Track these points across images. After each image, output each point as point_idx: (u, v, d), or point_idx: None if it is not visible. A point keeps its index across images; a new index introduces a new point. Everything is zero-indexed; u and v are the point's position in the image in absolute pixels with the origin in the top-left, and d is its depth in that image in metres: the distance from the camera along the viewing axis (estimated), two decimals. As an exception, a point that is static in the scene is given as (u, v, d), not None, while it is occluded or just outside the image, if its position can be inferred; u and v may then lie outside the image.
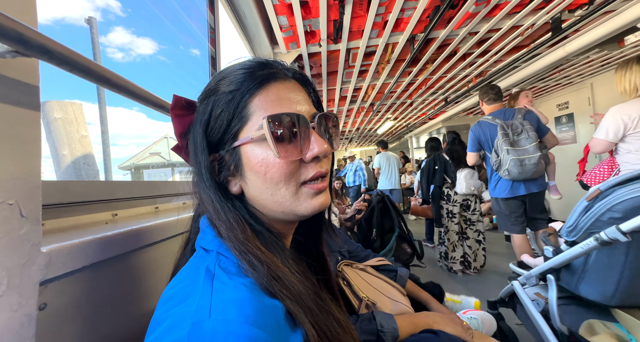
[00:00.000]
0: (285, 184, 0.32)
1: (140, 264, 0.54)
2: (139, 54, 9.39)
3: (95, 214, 0.55)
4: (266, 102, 0.32)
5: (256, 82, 0.32)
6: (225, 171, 0.34)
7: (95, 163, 1.06)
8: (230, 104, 0.32)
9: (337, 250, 0.95)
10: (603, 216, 0.87)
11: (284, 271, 0.30)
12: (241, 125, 0.32)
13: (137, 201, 0.71)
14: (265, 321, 0.24)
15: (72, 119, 1.01)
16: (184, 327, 0.23)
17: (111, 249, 0.44)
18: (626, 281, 0.86)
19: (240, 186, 0.34)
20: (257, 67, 0.33)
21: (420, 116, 5.17)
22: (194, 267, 0.31)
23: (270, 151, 0.31)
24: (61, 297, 0.35)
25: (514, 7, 1.75)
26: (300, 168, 0.33)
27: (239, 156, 0.33)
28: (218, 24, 1.36)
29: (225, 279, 0.27)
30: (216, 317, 0.23)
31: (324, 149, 0.32)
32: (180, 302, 0.26)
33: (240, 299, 0.25)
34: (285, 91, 0.33)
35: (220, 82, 0.34)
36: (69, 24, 6.82)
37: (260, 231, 0.33)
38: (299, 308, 0.28)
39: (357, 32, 1.91)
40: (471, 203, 2.38)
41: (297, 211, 0.33)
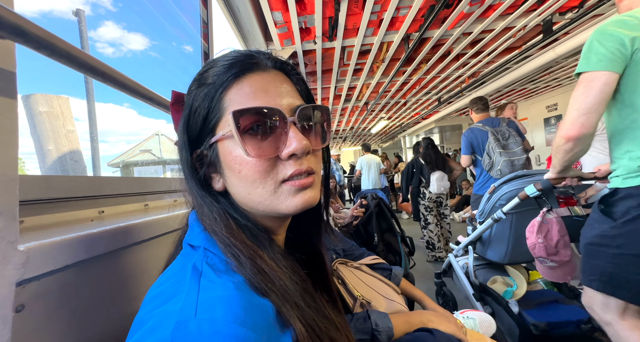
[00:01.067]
0: (261, 183, 0.30)
1: (129, 263, 0.51)
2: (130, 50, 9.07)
3: (80, 211, 0.52)
4: (240, 95, 0.30)
5: (231, 74, 0.30)
6: (206, 167, 0.33)
7: (82, 159, 1.02)
8: (206, 98, 0.31)
9: (331, 248, 0.94)
10: (496, 203, 1.34)
11: (270, 265, 0.29)
12: (217, 120, 0.31)
13: (126, 198, 0.69)
14: (254, 321, 0.23)
15: (57, 113, 0.97)
16: (168, 327, 0.21)
17: (97, 248, 0.42)
18: (511, 246, 1.34)
19: (223, 183, 0.33)
20: (237, 58, 0.32)
21: (414, 116, 5.22)
22: (180, 265, 0.29)
23: (247, 147, 0.29)
24: (41, 298, 0.33)
25: (507, 9, 1.77)
26: (277, 166, 0.30)
27: (217, 153, 0.32)
28: (211, 18, 1.33)
29: (213, 276, 0.26)
30: (202, 316, 0.22)
31: (302, 146, 0.29)
32: (165, 301, 0.25)
33: (229, 297, 0.24)
34: (262, 83, 0.31)
35: (202, 75, 0.32)
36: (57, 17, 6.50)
37: (246, 225, 0.32)
38: (286, 303, 0.27)
39: (353, 30, 1.91)
40: (443, 200, 2.88)
41: (279, 210, 0.31)
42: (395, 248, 1.72)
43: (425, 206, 2.87)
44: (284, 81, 0.33)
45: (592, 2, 1.74)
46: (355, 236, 1.82)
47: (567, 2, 1.74)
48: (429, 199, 2.84)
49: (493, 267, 1.49)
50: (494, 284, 1.40)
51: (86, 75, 0.36)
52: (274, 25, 1.76)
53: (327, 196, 0.41)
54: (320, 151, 0.35)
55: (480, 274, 1.47)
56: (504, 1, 1.67)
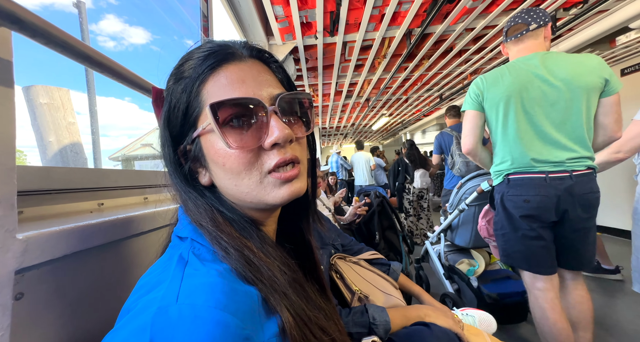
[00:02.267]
0: (247, 174, 0.30)
1: (127, 254, 0.52)
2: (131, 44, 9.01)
3: (80, 202, 0.53)
4: (217, 87, 0.30)
5: (206, 66, 0.30)
6: (190, 163, 0.33)
7: (83, 151, 1.02)
8: (184, 92, 0.30)
9: (330, 243, 0.95)
10: (462, 196, 1.62)
11: (259, 256, 0.29)
12: (197, 114, 0.30)
13: (125, 191, 0.69)
14: (237, 306, 0.23)
15: (58, 105, 0.97)
16: (149, 313, 0.22)
17: (95, 238, 0.42)
18: (474, 233, 1.59)
19: (209, 177, 0.33)
20: (212, 49, 0.31)
21: (415, 113, 5.19)
22: (167, 255, 0.29)
23: (228, 139, 0.29)
24: (40, 286, 0.33)
25: (511, 4, 1.75)
26: (261, 156, 0.30)
27: (200, 147, 0.31)
28: (211, 12, 1.32)
29: (199, 265, 0.26)
30: (183, 301, 0.22)
31: (285, 135, 0.29)
32: (150, 290, 0.25)
33: (211, 284, 0.24)
34: (239, 73, 0.30)
35: (178, 69, 0.32)
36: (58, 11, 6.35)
37: (233, 218, 0.32)
38: (274, 293, 0.27)
39: (354, 24, 1.89)
40: (424, 194, 3.33)
41: (267, 201, 0.31)
42: (397, 247, 1.72)
43: (410, 200, 3.36)
44: (262, 70, 0.33)
45: (597, -3, 1.72)
46: (356, 234, 1.82)
47: (572, -3, 1.72)
48: (412, 193, 3.31)
49: (461, 251, 1.82)
50: (460, 265, 1.69)
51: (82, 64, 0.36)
52: (274, 20, 1.74)
53: (314, 184, 0.41)
54: (304, 139, 0.35)
55: (451, 258, 1.79)
56: (507, -4, 1.65)
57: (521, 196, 1.03)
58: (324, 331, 0.29)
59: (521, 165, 1.04)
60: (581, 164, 0.98)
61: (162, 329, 0.21)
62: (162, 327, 0.21)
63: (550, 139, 0.99)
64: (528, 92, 1.00)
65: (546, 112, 0.99)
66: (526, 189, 1.02)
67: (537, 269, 1.04)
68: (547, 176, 0.99)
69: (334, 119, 5.35)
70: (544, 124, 1.00)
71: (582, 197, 0.97)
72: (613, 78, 0.96)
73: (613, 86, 0.95)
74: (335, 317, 0.35)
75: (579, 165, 0.98)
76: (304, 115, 0.34)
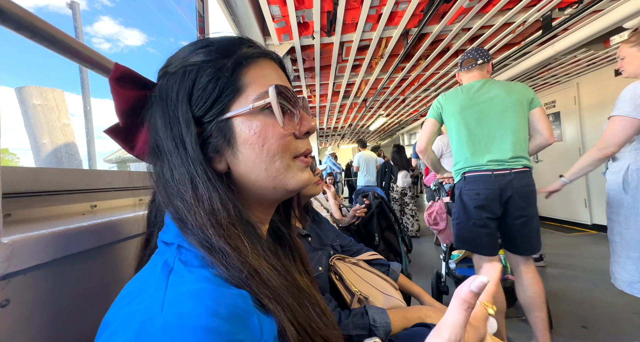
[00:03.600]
0: (280, 157, 0.32)
1: (120, 257, 0.50)
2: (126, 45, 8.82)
3: (72, 204, 0.51)
4: (261, 75, 0.32)
5: (252, 54, 0.32)
6: (210, 147, 0.31)
7: (78, 153, 1.00)
8: (222, 72, 0.30)
9: (329, 244, 0.94)
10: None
11: (262, 265, 0.28)
12: (234, 95, 0.31)
13: (119, 192, 0.67)
14: (228, 311, 0.22)
15: (52, 106, 0.95)
16: (132, 327, 0.20)
17: (87, 241, 0.41)
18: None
19: (227, 163, 0.31)
20: (251, 43, 0.34)
21: (412, 113, 5.20)
22: (151, 263, 0.28)
23: (270, 122, 0.31)
24: (27, 292, 0.32)
25: (507, 4, 1.76)
26: (294, 142, 0.34)
27: (231, 128, 0.31)
28: (207, 11, 1.31)
29: (185, 272, 0.25)
30: (169, 311, 0.21)
31: (313, 126, 0.35)
32: (131, 300, 0.23)
33: (199, 290, 0.23)
34: (274, 70, 0.34)
35: (202, 51, 0.31)
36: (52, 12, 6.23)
37: (242, 216, 0.30)
38: (277, 305, 0.26)
39: (351, 24, 1.89)
40: (407, 191, 3.86)
41: (288, 185, 0.33)
42: (396, 248, 1.71)
43: (393, 198, 3.86)
44: (283, 73, 0.37)
45: (592, -3, 1.73)
46: (355, 235, 1.81)
47: (567, -3, 1.73)
48: (396, 191, 3.86)
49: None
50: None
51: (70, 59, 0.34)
52: (271, 20, 1.73)
53: None
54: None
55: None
56: (503, -4, 1.66)
57: (474, 190, 1.28)
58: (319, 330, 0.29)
59: (473, 165, 1.30)
60: (519, 163, 1.24)
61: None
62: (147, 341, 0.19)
63: (493, 143, 1.27)
64: (475, 106, 1.30)
65: (490, 122, 1.28)
66: (477, 184, 1.27)
67: (482, 252, 1.30)
68: (492, 173, 1.25)
69: (331, 119, 5.35)
70: (488, 131, 1.28)
71: (519, 189, 1.22)
72: (535, 97, 1.29)
73: (535, 102, 1.28)
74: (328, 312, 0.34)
75: (517, 165, 1.24)
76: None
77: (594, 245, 2.92)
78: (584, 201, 3.58)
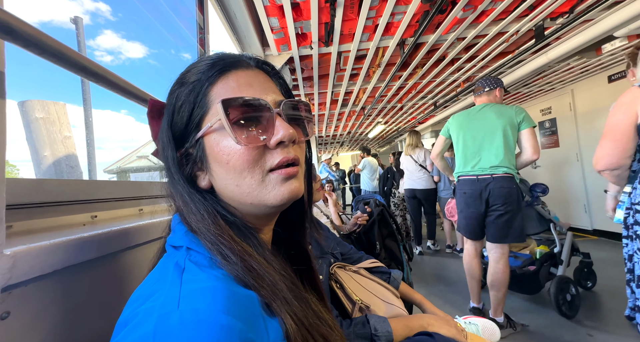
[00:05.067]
0: (249, 172, 0.31)
1: (121, 268, 0.50)
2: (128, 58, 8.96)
3: (72, 215, 0.51)
4: (226, 89, 0.31)
5: (216, 70, 0.32)
6: (191, 165, 0.33)
7: (79, 165, 1.01)
8: (191, 94, 0.32)
9: (329, 252, 0.93)
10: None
11: (260, 262, 0.29)
12: (202, 114, 0.32)
13: (120, 202, 0.68)
14: (239, 310, 0.23)
15: (54, 119, 0.96)
16: (150, 322, 0.21)
17: (87, 252, 0.41)
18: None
19: (209, 179, 0.33)
20: (220, 57, 0.33)
21: (410, 120, 5.25)
22: (162, 265, 0.29)
23: (231, 138, 0.30)
24: (28, 304, 0.32)
25: (500, 14, 1.80)
26: (265, 155, 0.31)
27: (203, 147, 0.32)
28: (207, 24, 1.34)
29: (196, 271, 0.26)
30: (185, 307, 0.21)
31: (289, 134, 0.31)
32: (146, 300, 0.24)
33: (212, 287, 0.24)
34: (246, 78, 0.33)
35: (184, 75, 0.34)
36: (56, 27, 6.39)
37: (234, 222, 0.32)
38: (276, 298, 0.27)
39: (348, 35, 1.93)
40: None
41: (267, 201, 0.31)
42: (398, 256, 1.70)
43: (395, 203, 3.92)
44: (267, 79, 0.35)
45: (581, 7, 1.78)
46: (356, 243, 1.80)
47: (558, 7, 1.78)
48: (397, 197, 3.89)
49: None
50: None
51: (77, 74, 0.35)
52: (270, 31, 1.77)
53: (309, 193, 0.42)
54: (304, 144, 0.37)
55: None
56: (496, 7, 1.71)
57: (463, 189, 1.71)
58: (324, 338, 0.29)
59: (464, 171, 1.71)
60: (500, 170, 1.57)
61: (165, 337, 0.20)
62: (165, 335, 0.20)
63: (481, 155, 1.64)
64: (470, 126, 1.70)
65: (479, 138, 1.65)
66: (465, 186, 1.69)
67: (467, 235, 1.74)
68: (477, 177, 1.63)
69: (330, 127, 5.38)
70: (479, 146, 1.65)
71: (495, 189, 1.56)
72: (525, 120, 1.57)
73: (524, 125, 1.57)
74: (335, 326, 0.34)
75: (498, 171, 1.58)
76: (304, 122, 0.36)
77: (595, 251, 2.90)
78: (583, 207, 3.58)
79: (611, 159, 0.98)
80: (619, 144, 0.96)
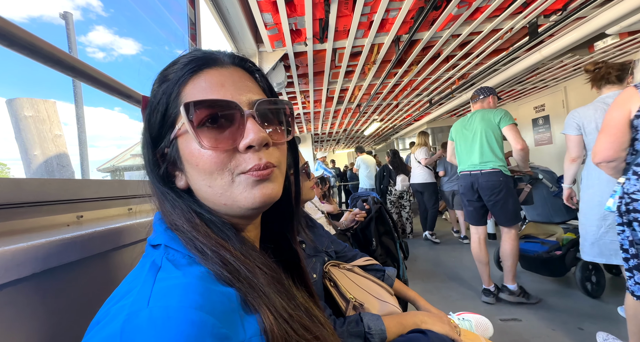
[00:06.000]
0: (219, 174, 0.30)
1: (109, 268, 0.49)
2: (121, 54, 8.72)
3: (56, 216, 0.50)
4: (197, 90, 0.30)
5: (188, 70, 0.31)
6: (168, 165, 0.33)
7: (70, 164, 0.99)
8: (164, 94, 0.31)
9: (323, 250, 0.93)
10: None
11: (237, 256, 0.28)
12: (175, 116, 0.31)
13: (108, 202, 0.66)
14: (213, 306, 0.23)
15: (44, 117, 0.94)
16: (119, 320, 0.21)
17: (70, 253, 0.40)
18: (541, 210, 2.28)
19: (186, 179, 0.33)
20: (195, 55, 0.32)
21: (406, 118, 5.26)
22: (139, 265, 0.29)
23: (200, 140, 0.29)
24: (4, 309, 0.31)
25: (494, 11, 1.80)
26: (235, 158, 0.30)
27: (177, 148, 0.32)
28: (199, 19, 1.31)
29: (172, 269, 0.26)
30: (155, 304, 0.21)
31: (260, 138, 0.29)
32: (121, 298, 0.24)
33: (185, 284, 0.23)
34: (219, 78, 0.31)
35: (163, 73, 0.33)
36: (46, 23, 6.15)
37: (211, 219, 0.31)
38: (253, 292, 0.27)
39: (343, 31, 1.91)
40: (404, 195, 4.01)
41: (239, 202, 0.30)
42: (394, 254, 1.70)
43: (391, 200, 4.03)
44: (244, 77, 0.33)
45: (574, 5, 1.79)
46: (352, 240, 1.80)
47: (552, 4, 1.78)
48: (394, 194, 4.00)
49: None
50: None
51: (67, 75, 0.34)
52: (264, 27, 1.74)
53: (297, 192, 0.41)
54: (284, 145, 0.35)
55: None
56: (491, 4, 1.70)
57: (460, 183, 2.09)
58: (307, 330, 0.28)
59: (461, 168, 2.08)
60: (487, 166, 1.88)
61: (132, 336, 0.19)
62: (132, 333, 0.19)
63: (471, 154, 1.97)
64: (462, 130, 2.06)
65: (468, 140, 2.00)
66: (461, 180, 2.07)
67: (471, 222, 2.06)
68: (470, 173, 1.98)
69: (326, 125, 5.37)
70: (469, 147, 1.99)
71: (483, 183, 1.90)
72: (503, 119, 1.85)
73: (503, 123, 1.85)
74: (326, 323, 0.33)
75: (486, 167, 1.89)
76: (284, 122, 0.34)
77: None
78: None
79: (608, 152, 1.07)
80: (614, 138, 1.05)
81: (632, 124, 1.02)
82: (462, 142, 2.04)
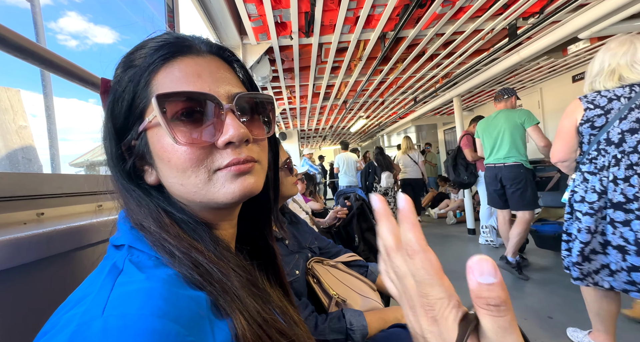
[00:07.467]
0: (193, 172, 0.27)
1: (74, 269, 0.45)
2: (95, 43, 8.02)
3: (11, 213, 0.45)
4: (170, 80, 0.27)
5: (159, 56, 0.28)
6: (135, 159, 0.30)
7: (37, 157, 0.92)
8: (131, 82, 0.28)
9: (307, 247, 0.92)
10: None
11: (209, 257, 0.26)
12: (144, 106, 0.28)
13: (73, 198, 0.61)
14: (179, 313, 0.21)
15: (6, 106, 0.87)
16: (66, 333, 0.18)
17: (24, 254, 0.36)
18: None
19: (157, 175, 0.30)
20: (167, 40, 0.29)
21: (391, 115, 5.32)
22: (99, 268, 0.26)
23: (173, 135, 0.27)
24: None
25: (476, 11, 1.84)
26: (212, 154, 0.28)
27: (146, 141, 0.29)
28: (177, 5, 1.25)
29: (135, 272, 0.23)
30: (111, 313, 0.19)
31: (240, 134, 0.27)
32: (73, 306, 0.21)
33: (148, 289, 0.21)
34: (195, 67, 0.28)
35: (128, 57, 0.30)
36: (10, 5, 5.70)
37: (182, 218, 0.29)
38: (226, 296, 0.25)
39: (329, 26, 1.89)
40: (389, 191, 4.13)
41: (217, 199, 0.28)
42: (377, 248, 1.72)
43: None
44: (222, 67, 0.31)
45: (551, 9, 1.86)
46: (335, 237, 1.81)
47: (530, 7, 1.85)
48: (379, 191, 4.16)
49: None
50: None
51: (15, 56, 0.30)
52: (247, 18, 1.69)
53: (276, 188, 0.40)
54: (265, 141, 0.33)
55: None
56: (473, 3, 1.74)
57: (486, 174, 2.40)
58: (282, 334, 0.27)
59: (487, 161, 2.37)
60: (510, 160, 2.19)
61: None
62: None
63: (497, 149, 2.26)
64: (488, 128, 2.32)
65: (494, 137, 2.27)
66: (487, 171, 2.38)
67: (496, 206, 2.40)
68: (494, 165, 2.29)
69: (312, 121, 5.34)
70: (494, 142, 2.28)
71: (506, 174, 2.21)
72: (527, 120, 2.11)
73: (527, 124, 2.11)
74: (300, 321, 0.33)
75: (509, 160, 2.20)
76: (265, 117, 0.33)
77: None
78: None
79: (560, 154, 1.27)
80: (565, 142, 1.25)
81: (578, 130, 1.20)
82: (487, 139, 2.33)
